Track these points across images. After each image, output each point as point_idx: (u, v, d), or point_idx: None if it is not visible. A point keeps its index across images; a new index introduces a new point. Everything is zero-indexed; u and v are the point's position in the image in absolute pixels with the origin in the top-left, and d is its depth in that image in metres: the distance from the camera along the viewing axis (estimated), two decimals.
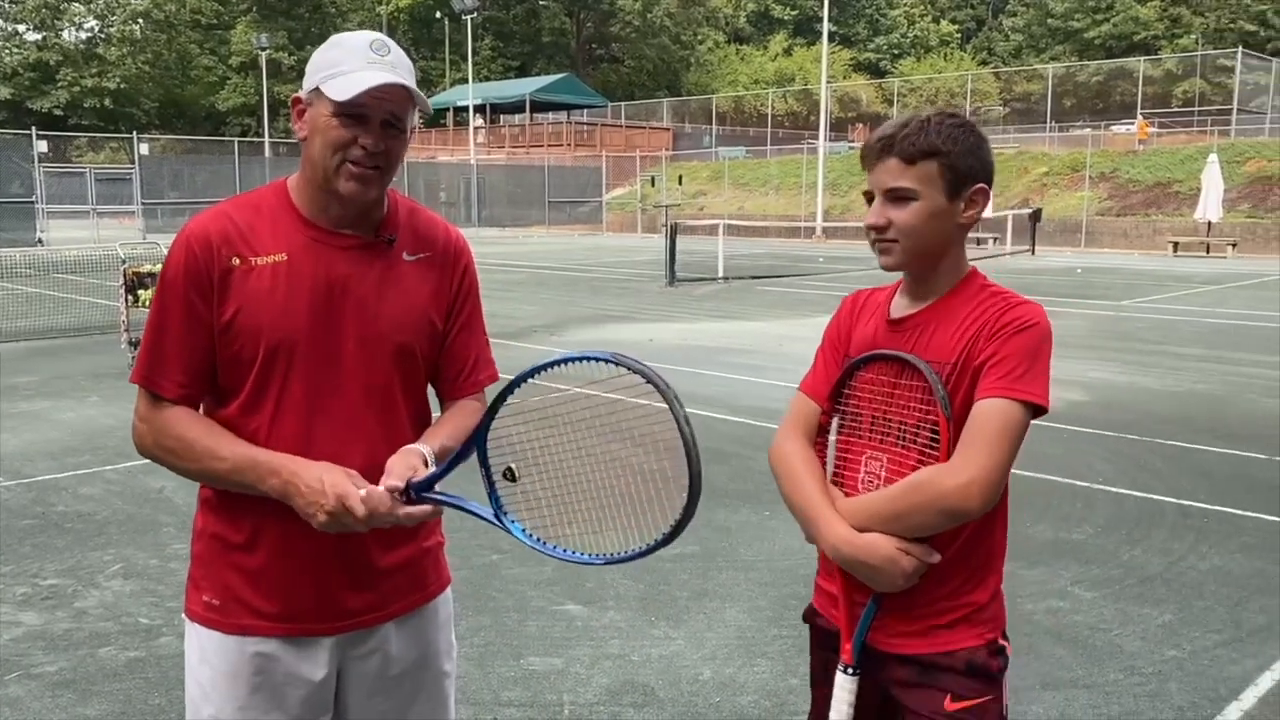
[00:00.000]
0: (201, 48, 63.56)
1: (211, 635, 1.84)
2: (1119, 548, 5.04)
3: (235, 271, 1.76)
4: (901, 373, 1.84)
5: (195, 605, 1.87)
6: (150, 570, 4.73)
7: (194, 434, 1.77)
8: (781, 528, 5.28)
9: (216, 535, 1.84)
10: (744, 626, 4.13)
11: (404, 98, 1.75)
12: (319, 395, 1.79)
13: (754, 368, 10.10)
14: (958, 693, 1.81)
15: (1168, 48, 57.46)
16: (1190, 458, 6.75)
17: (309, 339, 1.77)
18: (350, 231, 1.82)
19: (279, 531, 1.76)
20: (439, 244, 1.92)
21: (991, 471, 1.70)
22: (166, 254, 1.83)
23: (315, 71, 1.77)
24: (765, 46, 69.89)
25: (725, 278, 19.72)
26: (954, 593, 1.82)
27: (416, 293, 1.86)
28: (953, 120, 1.82)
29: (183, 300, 1.76)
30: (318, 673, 1.84)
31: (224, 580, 1.83)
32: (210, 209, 1.83)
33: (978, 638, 1.83)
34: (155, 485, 6.01)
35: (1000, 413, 1.72)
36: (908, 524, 1.75)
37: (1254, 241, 27.90)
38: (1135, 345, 11.72)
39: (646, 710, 3.47)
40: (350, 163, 1.74)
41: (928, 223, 1.81)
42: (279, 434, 1.77)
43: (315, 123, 1.76)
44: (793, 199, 38.67)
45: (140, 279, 10.05)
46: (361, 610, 1.85)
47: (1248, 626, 4.14)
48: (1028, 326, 1.76)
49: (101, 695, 3.56)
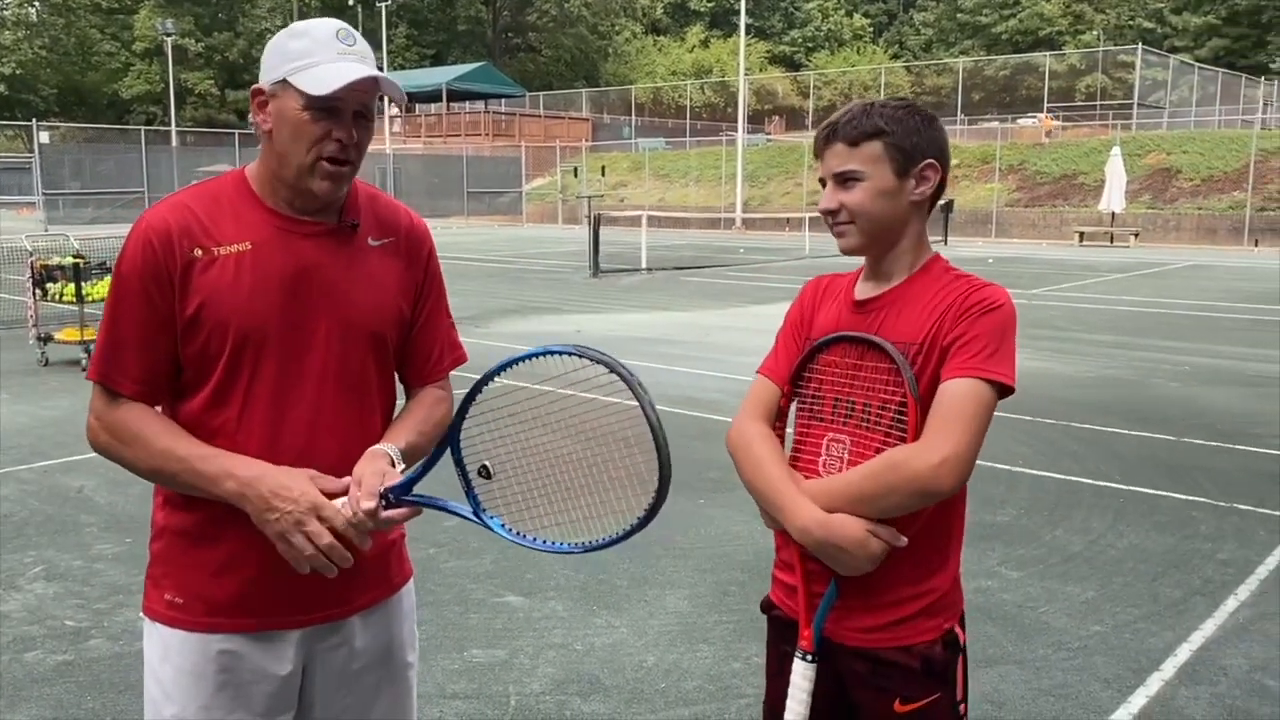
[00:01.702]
0: (103, 33, 61.34)
1: (174, 634, 1.80)
2: (1041, 528, 5.21)
3: (197, 264, 1.71)
4: (865, 354, 1.84)
5: (156, 604, 1.82)
6: (74, 572, 4.59)
7: (150, 431, 1.73)
8: (717, 515, 5.34)
9: (178, 531, 1.80)
10: (685, 613, 4.18)
11: (374, 88, 1.74)
12: (289, 386, 1.75)
13: (682, 357, 10.17)
14: (906, 695, 1.81)
15: (1071, 43, 59.17)
16: (1104, 440, 7.00)
17: (279, 328, 1.74)
18: (314, 218, 1.79)
19: (243, 525, 1.71)
20: (402, 230, 1.90)
21: (964, 450, 1.70)
22: (121, 247, 1.77)
23: (283, 62, 1.72)
24: (682, 38, 70.11)
25: (649, 269, 19.79)
26: (915, 579, 1.81)
27: (385, 280, 1.85)
28: (897, 103, 1.86)
29: (140, 296, 1.71)
30: (284, 668, 1.82)
31: (186, 578, 1.80)
32: (166, 199, 1.79)
33: (934, 630, 1.83)
34: (74, 484, 5.84)
35: (971, 392, 1.73)
36: (879, 505, 1.74)
37: (1155, 231, 28.96)
38: (1048, 333, 12.09)
39: (593, 699, 3.49)
40: (325, 159, 1.72)
41: (876, 201, 1.83)
42: (247, 427, 1.74)
43: (284, 115, 1.72)
44: (712, 190, 38.93)
45: (49, 272, 9.71)
46: (329, 604, 1.83)
47: (1164, 601, 4.32)
48: (995, 308, 1.79)
49: (30, 701, 3.45)
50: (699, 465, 6.05)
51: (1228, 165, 29.78)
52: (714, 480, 5.83)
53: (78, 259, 9.70)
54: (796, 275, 18.46)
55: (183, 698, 1.79)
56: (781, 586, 1.95)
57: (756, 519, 5.21)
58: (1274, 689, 3.57)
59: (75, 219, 30.57)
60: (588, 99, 57.11)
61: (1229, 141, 31.08)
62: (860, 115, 1.83)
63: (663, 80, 61.82)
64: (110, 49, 61.14)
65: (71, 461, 6.29)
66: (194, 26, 59.30)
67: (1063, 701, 3.49)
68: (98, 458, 1.77)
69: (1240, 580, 4.53)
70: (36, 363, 9.54)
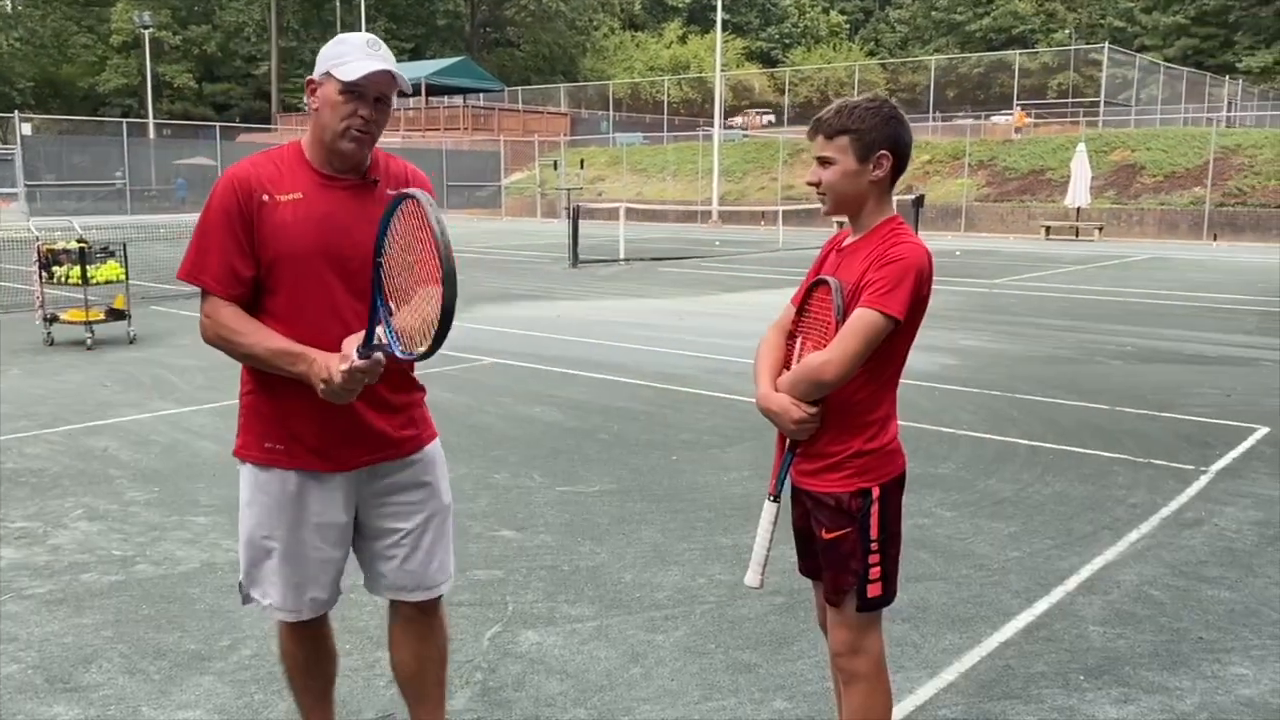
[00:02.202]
0: (79, 25, 61.28)
1: (267, 472, 2.50)
2: (976, 479, 5.84)
3: (265, 206, 2.43)
4: (826, 288, 2.56)
5: (253, 449, 2.52)
6: (113, 514, 5.13)
7: (245, 327, 2.43)
8: (688, 469, 5.94)
9: (267, 397, 2.49)
10: (658, 542, 4.77)
11: (390, 81, 2.43)
12: (326, 293, 2.44)
13: (658, 340, 10.77)
14: (829, 526, 2.54)
15: (1043, 42, 60.18)
16: (1044, 409, 7.64)
17: (320, 254, 2.43)
18: (346, 176, 2.49)
19: (310, 395, 2.38)
20: (407, 182, 2.58)
21: (845, 356, 2.41)
22: (210, 192, 2.47)
23: (325, 61, 2.43)
24: (660, 34, 70.69)
25: (626, 259, 20.38)
26: (836, 445, 2.51)
27: None
28: (867, 103, 2.53)
29: (225, 220, 2.42)
30: (346, 503, 2.54)
31: (274, 429, 2.49)
32: (242, 161, 2.51)
33: (849, 485, 2.51)
34: (99, 445, 6.36)
35: (863, 318, 2.41)
36: (799, 390, 2.50)
37: (1119, 226, 29.82)
38: (1005, 318, 12.76)
39: (579, 605, 4.08)
40: (352, 130, 2.42)
41: (842, 180, 2.51)
42: (299, 322, 2.43)
43: (325, 97, 2.42)
44: (689, 184, 39.54)
45: (55, 255, 10.19)
46: (374, 449, 2.52)
47: (1076, 534, 4.95)
48: (899, 260, 2.43)
49: (93, 609, 4.01)
50: (674, 429, 6.66)
51: (1189, 162, 30.67)
52: (686, 441, 6.44)
53: (82, 244, 10.18)
54: (769, 266, 19.08)
55: (270, 524, 2.51)
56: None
57: (720, 472, 5.96)
58: (1157, 597, 4.20)
59: (55, 210, 30.72)
60: (566, 94, 57.59)
61: (1190, 139, 31.97)
62: (835, 115, 2.51)
63: (640, 76, 62.36)
64: (87, 42, 61.04)
65: (93, 426, 6.81)
66: (171, 19, 59.32)
67: (977, 607, 4.10)
68: (117, 422, 2.39)
69: (1145, 519, 5.17)
70: (42, 342, 10.03)
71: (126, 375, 8.64)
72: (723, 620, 3.95)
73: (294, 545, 2.52)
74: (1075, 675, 3.54)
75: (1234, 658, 3.68)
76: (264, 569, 2.57)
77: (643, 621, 3.93)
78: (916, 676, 3.53)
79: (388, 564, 2.62)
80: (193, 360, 9.17)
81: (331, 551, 2.56)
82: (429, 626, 2.75)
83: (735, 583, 4.29)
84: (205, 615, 3.96)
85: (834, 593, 2.56)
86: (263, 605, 2.61)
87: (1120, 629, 3.90)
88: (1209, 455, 6.35)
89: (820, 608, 2.76)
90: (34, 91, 58.99)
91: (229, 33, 62.17)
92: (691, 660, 3.62)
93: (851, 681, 2.60)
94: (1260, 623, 3.97)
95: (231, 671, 3.52)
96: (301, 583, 2.56)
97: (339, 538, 2.57)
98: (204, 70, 62.31)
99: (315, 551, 2.54)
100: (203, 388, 8.03)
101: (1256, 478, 5.90)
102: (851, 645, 2.57)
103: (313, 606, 2.61)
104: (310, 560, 2.54)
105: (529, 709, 3.30)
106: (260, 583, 2.59)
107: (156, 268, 14.57)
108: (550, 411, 7.24)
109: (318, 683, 2.78)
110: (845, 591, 2.54)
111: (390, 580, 2.64)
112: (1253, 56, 55.78)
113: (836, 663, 2.64)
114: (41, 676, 3.47)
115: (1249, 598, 4.20)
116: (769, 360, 2.63)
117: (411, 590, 2.65)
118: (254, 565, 2.58)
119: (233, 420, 2.66)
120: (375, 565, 2.64)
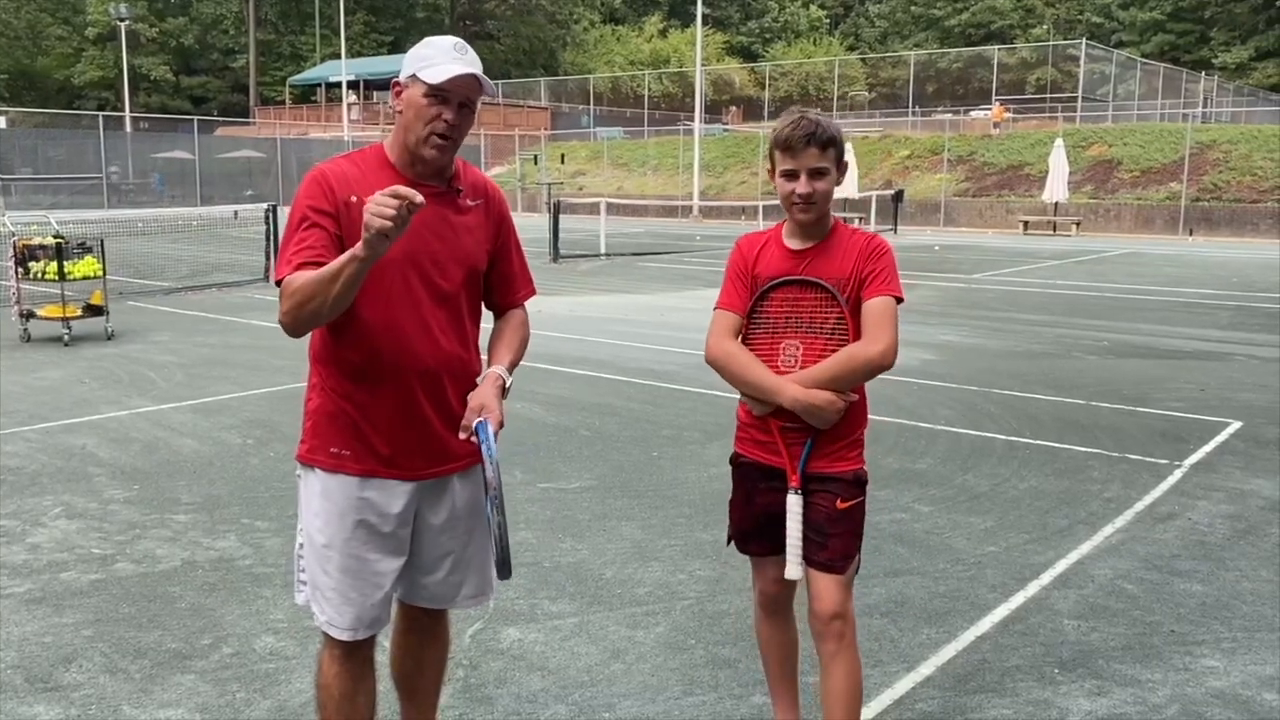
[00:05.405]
0: (54, 17, 60.63)
1: (333, 478, 2.46)
2: (954, 474, 5.89)
3: (353, 206, 2.34)
4: (804, 289, 2.71)
5: (320, 454, 2.47)
6: (91, 511, 5.11)
7: (301, 279, 2.25)
8: (668, 465, 5.97)
9: (335, 391, 2.46)
10: (638, 539, 4.80)
11: (476, 86, 2.38)
12: (407, 298, 2.42)
13: (639, 335, 10.79)
14: (845, 496, 2.73)
15: (1022, 37, 60.43)
16: (1021, 404, 7.71)
17: (404, 261, 2.38)
18: (430, 182, 2.45)
19: (380, 400, 2.40)
20: (489, 194, 2.62)
21: (894, 340, 2.63)
22: (298, 189, 2.41)
23: (412, 63, 2.39)
24: (641, 28, 70.59)
25: (607, 254, 20.39)
26: (848, 431, 2.74)
27: (476, 230, 2.55)
28: (827, 117, 2.69)
29: (314, 215, 2.35)
30: (407, 513, 2.50)
31: (342, 437, 2.45)
32: (328, 161, 2.47)
33: (858, 461, 2.77)
34: (77, 442, 6.33)
35: (888, 305, 2.67)
36: (845, 382, 2.66)
37: (1096, 221, 30.03)
38: (982, 313, 12.85)
39: (560, 601, 4.10)
40: (436, 134, 2.37)
41: (830, 188, 2.68)
42: (377, 321, 2.39)
43: (411, 100, 2.38)
44: (670, 179, 39.55)
45: (31, 251, 10.11)
46: (436, 462, 2.51)
47: (1052, 529, 5.01)
48: (886, 251, 2.73)
49: (73, 607, 4.00)
50: (655, 425, 6.69)
51: (1166, 157, 30.91)
52: (666, 438, 6.47)
53: (59, 239, 10.11)
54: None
55: (330, 531, 2.46)
56: (756, 444, 2.79)
57: (701, 468, 5.98)
58: (1130, 591, 4.26)
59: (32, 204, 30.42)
60: (546, 88, 57.48)
61: (1167, 135, 32.21)
62: (823, 127, 2.64)
63: (621, 70, 62.29)
64: (62, 33, 60.41)
65: (71, 424, 6.78)
66: (148, 11, 58.78)
67: (954, 601, 4.15)
68: (95, 419, 2.32)
69: (1119, 513, 5.24)
70: (19, 339, 9.95)
71: (105, 372, 8.59)
72: (703, 616, 3.98)
73: (352, 554, 2.46)
74: (1050, 668, 3.59)
75: (1205, 650, 3.74)
76: (320, 581, 2.50)
77: (624, 617, 3.96)
78: (894, 670, 3.57)
79: (430, 576, 2.60)
80: (171, 357, 9.12)
81: (389, 563, 2.51)
82: (434, 632, 2.75)
83: (716, 578, 4.33)
84: (186, 614, 3.96)
85: (842, 559, 2.71)
86: (319, 621, 2.54)
87: (1094, 622, 3.96)
88: (1183, 450, 6.43)
89: (775, 582, 2.86)
90: (8, 84, 58.35)
91: (206, 25, 61.66)
92: (672, 656, 3.65)
93: (841, 643, 2.71)
94: (1231, 616, 4.03)
95: (213, 670, 3.53)
96: (357, 596, 2.48)
97: (397, 548, 2.52)
98: (181, 63, 61.80)
99: (373, 563, 2.48)
100: (182, 384, 7.99)
101: (1229, 472, 5.98)
102: (845, 607, 2.71)
103: (366, 624, 2.52)
104: (367, 571, 2.48)
105: (510, 705, 3.32)
106: (317, 598, 2.52)
107: (134, 263, 14.48)
108: (531, 408, 7.25)
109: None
110: (852, 557, 2.73)
111: (432, 593, 2.63)
112: (1228, 52, 56.29)
113: (832, 626, 2.70)
114: (21, 676, 3.46)
115: (1220, 591, 4.27)
116: (758, 365, 2.72)
117: (443, 602, 2.66)
118: (312, 574, 2.52)
119: (212, 417, 2.68)
120: (417, 577, 2.60)
